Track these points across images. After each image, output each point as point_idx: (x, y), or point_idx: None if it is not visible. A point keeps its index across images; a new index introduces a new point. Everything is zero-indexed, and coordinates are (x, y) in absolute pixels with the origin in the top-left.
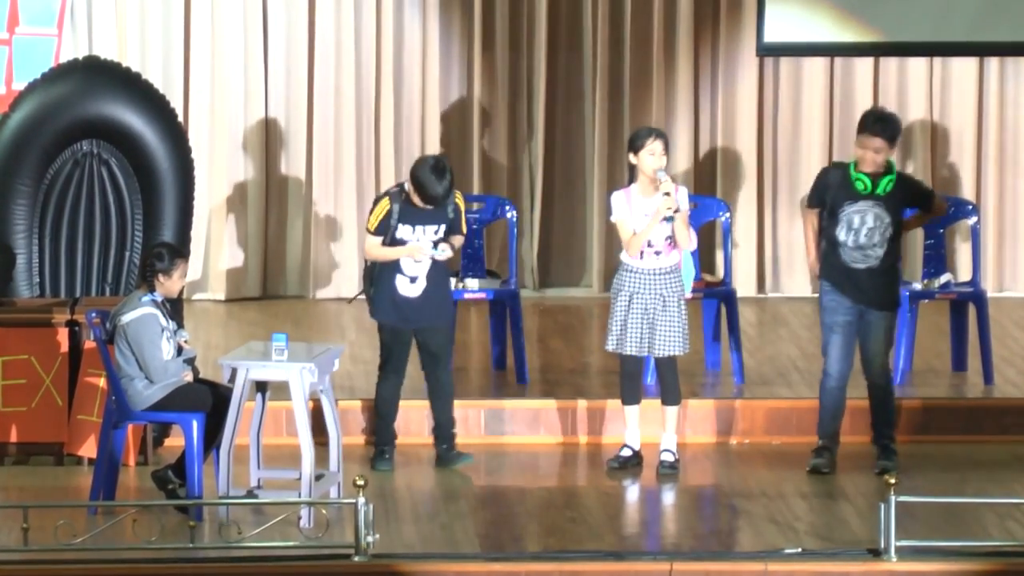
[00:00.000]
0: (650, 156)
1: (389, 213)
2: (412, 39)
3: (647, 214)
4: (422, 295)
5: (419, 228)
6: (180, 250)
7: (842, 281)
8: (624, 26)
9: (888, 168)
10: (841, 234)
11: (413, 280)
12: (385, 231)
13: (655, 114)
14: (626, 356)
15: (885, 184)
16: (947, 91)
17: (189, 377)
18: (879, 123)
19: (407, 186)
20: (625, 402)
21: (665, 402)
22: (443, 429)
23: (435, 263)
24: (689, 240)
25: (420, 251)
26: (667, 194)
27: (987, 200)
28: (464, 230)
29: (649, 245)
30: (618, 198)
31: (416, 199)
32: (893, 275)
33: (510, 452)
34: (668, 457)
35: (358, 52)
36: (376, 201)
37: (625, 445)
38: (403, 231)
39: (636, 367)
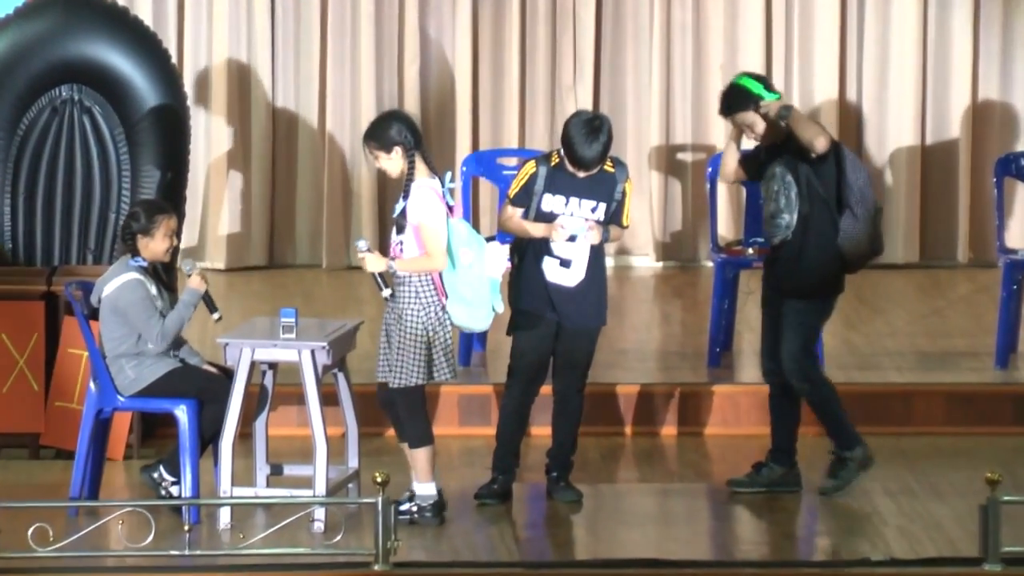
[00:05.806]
0: None
1: (533, 177)
2: None
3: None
4: (578, 288)
5: (573, 201)
6: (161, 205)
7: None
8: None
9: None
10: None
11: (565, 264)
12: (527, 201)
13: (722, 57)
14: None
15: None
16: None
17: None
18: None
19: (561, 150)
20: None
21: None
22: (562, 452)
23: (595, 249)
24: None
25: (559, 233)
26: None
27: None
28: (627, 223)
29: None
30: None
31: (569, 164)
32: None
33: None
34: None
35: None
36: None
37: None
38: (551, 203)
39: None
